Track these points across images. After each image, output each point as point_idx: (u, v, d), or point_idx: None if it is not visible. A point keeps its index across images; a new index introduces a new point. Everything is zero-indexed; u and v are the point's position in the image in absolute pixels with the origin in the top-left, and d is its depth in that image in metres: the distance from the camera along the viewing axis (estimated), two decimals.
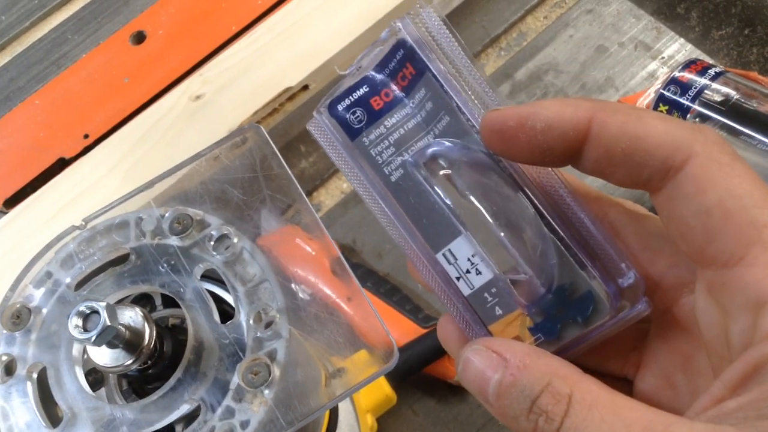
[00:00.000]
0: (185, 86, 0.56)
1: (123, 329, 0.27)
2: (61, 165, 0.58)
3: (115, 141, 0.55)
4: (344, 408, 0.43)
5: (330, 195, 0.59)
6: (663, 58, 0.60)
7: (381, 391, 0.46)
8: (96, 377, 0.30)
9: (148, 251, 0.31)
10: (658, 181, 0.21)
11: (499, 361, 0.20)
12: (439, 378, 0.49)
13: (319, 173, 0.59)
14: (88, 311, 0.26)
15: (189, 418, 0.28)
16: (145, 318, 0.28)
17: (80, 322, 0.26)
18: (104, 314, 0.26)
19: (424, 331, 0.49)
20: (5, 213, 0.55)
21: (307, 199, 0.30)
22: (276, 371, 0.28)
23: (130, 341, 0.27)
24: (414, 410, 0.49)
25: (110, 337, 0.26)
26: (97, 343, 0.26)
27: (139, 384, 0.31)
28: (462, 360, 0.22)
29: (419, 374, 0.48)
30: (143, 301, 0.32)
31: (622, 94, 0.58)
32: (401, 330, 0.49)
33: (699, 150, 0.20)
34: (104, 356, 0.27)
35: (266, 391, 0.27)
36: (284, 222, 0.59)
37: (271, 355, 0.28)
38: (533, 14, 0.64)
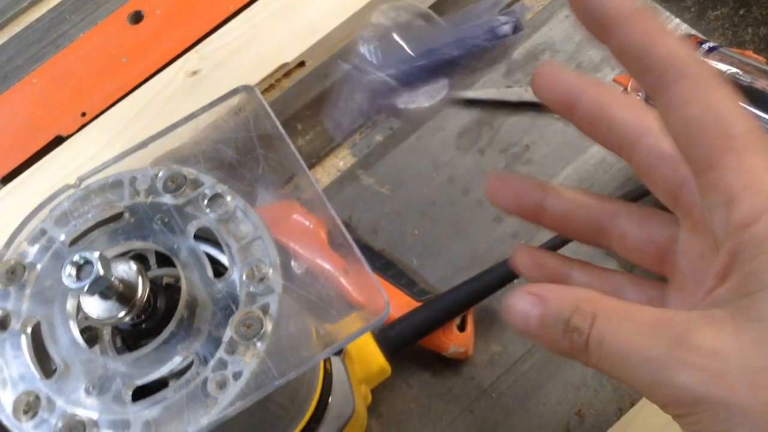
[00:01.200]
0: (182, 62, 0.56)
1: (116, 281, 0.27)
2: (58, 142, 0.59)
3: (112, 117, 0.55)
4: (338, 377, 0.43)
5: (326, 173, 0.59)
6: None
7: (375, 361, 0.46)
8: (90, 335, 0.31)
9: (142, 209, 0.31)
10: (659, 87, 0.24)
11: (537, 301, 0.24)
12: (434, 351, 0.49)
13: (315, 151, 0.59)
14: (82, 261, 0.26)
15: (182, 374, 0.28)
16: (139, 272, 0.28)
17: (74, 272, 0.26)
18: (98, 265, 0.26)
19: (418, 304, 0.49)
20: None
21: (300, 156, 0.30)
22: (268, 324, 0.28)
23: (123, 294, 0.27)
24: (408, 383, 0.50)
25: (103, 287, 0.26)
26: (90, 291, 0.26)
27: (133, 340, 0.31)
28: (508, 307, 0.25)
29: (414, 347, 0.49)
30: (138, 260, 0.32)
31: (617, 73, 0.59)
32: (396, 303, 0.49)
33: (694, 71, 0.23)
34: (97, 308, 0.27)
35: (258, 344, 0.28)
36: (282, 197, 0.59)
37: (264, 309, 0.28)
38: None
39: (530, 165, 0.56)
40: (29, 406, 0.27)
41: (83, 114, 0.61)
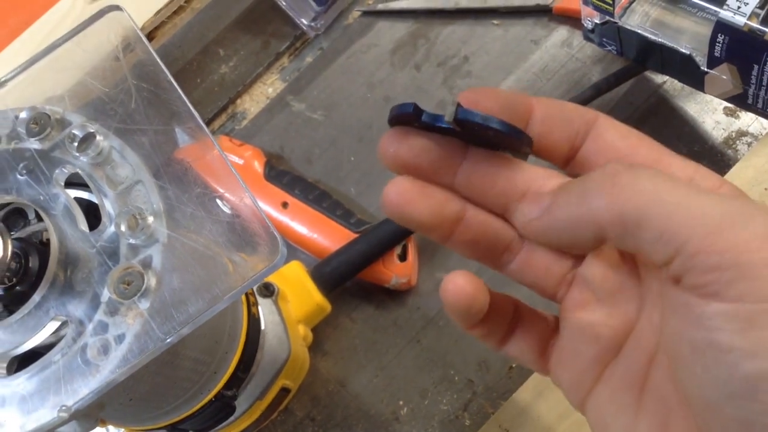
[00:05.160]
0: None
1: None
2: None
3: (11, 53, 0.50)
4: (271, 320, 0.41)
5: (255, 101, 0.55)
6: None
7: (312, 300, 0.44)
8: None
9: (2, 158, 0.27)
10: None
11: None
12: (376, 283, 0.47)
13: (240, 78, 0.55)
14: None
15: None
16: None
17: None
18: None
19: (356, 235, 0.46)
20: None
21: (177, 85, 0.26)
22: (151, 280, 0.25)
23: None
24: (352, 318, 0.47)
25: None
26: None
27: (15, 306, 0.28)
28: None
29: (355, 281, 0.46)
30: (15, 216, 0.29)
31: None
32: (332, 236, 0.47)
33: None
34: None
35: (142, 302, 0.25)
36: (206, 134, 0.54)
37: (146, 263, 0.25)
38: None
39: (470, 78, 0.52)
40: None
41: None
